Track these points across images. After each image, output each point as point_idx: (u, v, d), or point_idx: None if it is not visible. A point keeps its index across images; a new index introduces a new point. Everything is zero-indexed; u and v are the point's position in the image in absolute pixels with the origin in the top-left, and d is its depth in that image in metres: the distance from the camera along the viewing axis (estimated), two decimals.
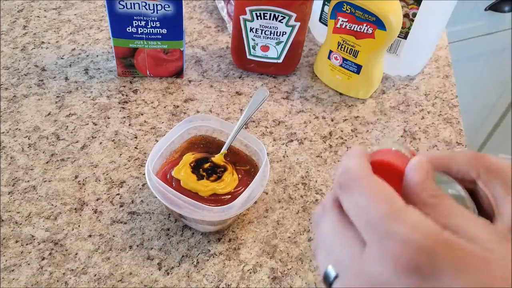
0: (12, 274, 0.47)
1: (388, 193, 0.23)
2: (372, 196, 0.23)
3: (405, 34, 0.69)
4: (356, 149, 0.27)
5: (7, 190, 0.54)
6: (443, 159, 0.35)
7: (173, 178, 0.50)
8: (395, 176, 0.26)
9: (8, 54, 0.71)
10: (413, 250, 0.20)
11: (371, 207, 0.22)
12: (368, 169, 0.25)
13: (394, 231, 0.21)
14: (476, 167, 0.33)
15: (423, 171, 0.25)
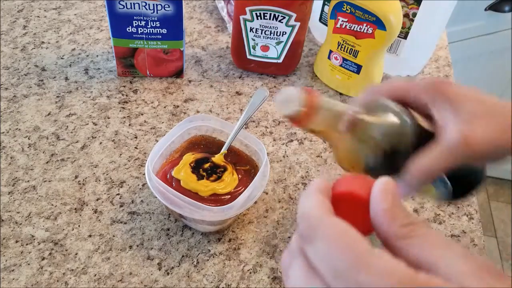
0: (12, 274, 0.47)
1: (351, 238, 0.22)
2: (334, 245, 0.21)
3: (405, 34, 0.69)
4: (313, 186, 0.25)
5: (7, 190, 0.54)
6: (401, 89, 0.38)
7: (173, 178, 0.50)
8: (360, 207, 0.24)
9: (8, 54, 0.71)
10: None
11: (335, 258, 0.21)
12: (326, 211, 0.23)
13: (363, 282, 0.20)
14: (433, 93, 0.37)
15: (389, 197, 0.24)
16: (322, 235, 0.22)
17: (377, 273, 0.20)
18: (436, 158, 0.35)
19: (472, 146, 0.34)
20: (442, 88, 0.36)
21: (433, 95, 0.36)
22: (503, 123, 0.35)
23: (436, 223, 0.56)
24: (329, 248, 0.21)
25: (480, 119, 0.35)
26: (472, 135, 0.34)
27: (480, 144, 0.34)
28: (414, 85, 0.38)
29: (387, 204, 0.23)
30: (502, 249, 1.64)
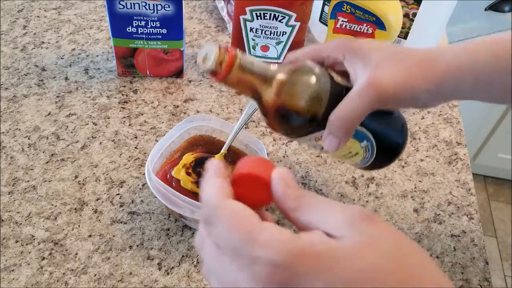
0: (12, 274, 0.47)
1: (242, 218, 0.25)
2: (228, 226, 0.25)
3: (405, 34, 0.69)
4: (211, 170, 0.28)
5: (7, 190, 0.54)
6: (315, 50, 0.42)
7: (173, 178, 0.50)
8: (260, 185, 0.28)
9: (8, 54, 0.71)
10: (272, 268, 0.23)
11: (231, 237, 0.24)
12: (223, 195, 0.26)
13: (255, 255, 0.23)
14: (342, 50, 0.41)
15: (283, 182, 0.27)
16: (220, 217, 0.25)
17: (263, 246, 0.23)
18: (350, 104, 0.38)
19: (381, 88, 0.37)
20: (349, 44, 0.40)
21: (342, 52, 0.40)
22: (407, 64, 0.38)
23: (436, 223, 0.56)
24: (225, 228, 0.25)
25: (385, 64, 0.38)
26: (379, 77, 0.38)
27: (387, 86, 0.38)
28: (326, 46, 0.42)
29: (282, 188, 0.27)
30: (502, 249, 1.64)
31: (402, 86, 0.38)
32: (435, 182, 0.60)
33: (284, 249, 0.23)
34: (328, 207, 0.26)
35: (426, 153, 0.64)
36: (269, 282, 0.23)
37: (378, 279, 0.23)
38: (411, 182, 0.60)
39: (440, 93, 0.39)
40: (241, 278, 0.24)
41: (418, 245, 0.26)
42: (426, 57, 0.39)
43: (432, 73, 0.38)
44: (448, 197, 0.59)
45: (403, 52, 0.40)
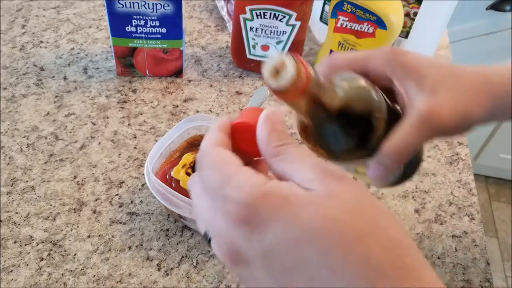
0: (11, 275, 0.46)
1: (224, 162, 0.27)
2: (211, 169, 0.27)
3: (406, 33, 0.69)
4: (214, 125, 0.31)
5: (6, 190, 0.53)
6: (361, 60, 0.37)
7: (172, 178, 0.50)
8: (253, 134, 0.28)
9: (7, 54, 0.71)
10: (239, 206, 0.24)
11: (211, 179, 0.26)
12: (215, 143, 0.28)
13: (228, 195, 0.25)
14: (392, 64, 0.36)
15: (269, 124, 0.28)
16: (206, 162, 0.27)
17: (235, 188, 0.25)
18: (407, 135, 0.34)
19: (441, 120, 0.34)
20: (399, 59, 0.36)
21: (392, 67, 0.36)
22: (464, 89, 0.35)
23: (438, 223, 0.55)
24: (209, 171, 0.27)
25: (442, 88, 0.35)
26: (438, 107, 0.34)
27: (448, 117, 0.34)
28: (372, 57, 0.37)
29: (266, 130, 0.28)
30: (503, 249, 1.64)
31: (462, 116, 0.35)
32: (436, 182, 0.60)
33: (252, 190, 0.25)
34: (302, 161, 0.26)
35: (427, 153, 0.63)
36: (235, 220, 0.24)
37: (336, 229, 0.23)
38: (412, 182, 0.60)
39: (492, 119, 0.37)
40: (216, 217, 0.26)
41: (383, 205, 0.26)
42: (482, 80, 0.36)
43: (489, 99, 0.36)
44: (449, 198, 0.59)
45: (458, 74, 0.36)
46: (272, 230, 0.24)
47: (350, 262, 0.23)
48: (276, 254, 0.24)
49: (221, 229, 0.26)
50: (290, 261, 0.23)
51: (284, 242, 0.24)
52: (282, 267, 0.24)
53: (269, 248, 0.24)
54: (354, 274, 0.22)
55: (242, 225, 0.24)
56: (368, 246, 0.23)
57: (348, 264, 0.23)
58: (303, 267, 0.23)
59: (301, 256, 0.23)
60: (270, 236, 0.24)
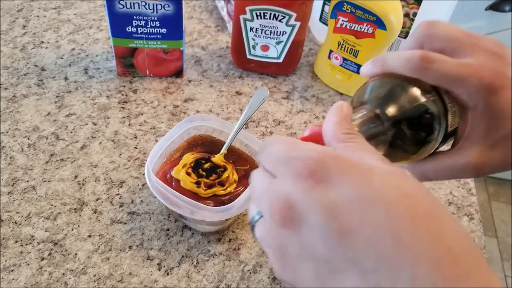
0: (12, 274, 0.47)
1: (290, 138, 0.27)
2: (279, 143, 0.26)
3: (406, 34, 0.69)
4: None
5: (7, 190, 0.54)
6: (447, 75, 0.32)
7: (173, 178, 0.50)
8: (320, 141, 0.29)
9: (8, 54, 0.71)
10: (307, 161, 0.24)
11: (279, 149, 0.26)
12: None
13: (294, 155, 0.25)
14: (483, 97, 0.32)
15: (340, 114, 0.28)
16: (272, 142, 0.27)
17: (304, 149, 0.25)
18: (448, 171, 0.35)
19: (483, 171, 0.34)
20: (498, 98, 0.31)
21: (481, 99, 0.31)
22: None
23: None
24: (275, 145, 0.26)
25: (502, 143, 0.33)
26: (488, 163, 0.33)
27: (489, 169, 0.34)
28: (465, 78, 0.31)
29: (338, 117, 0.28)
30: (502, 249, 1.64)
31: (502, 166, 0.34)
32: (435, 182, 0.60)
33: (323, 151, 0.24)
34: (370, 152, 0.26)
35: None
36: (299, 174, 0.24)
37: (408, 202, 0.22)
38: None
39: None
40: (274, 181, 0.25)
41: None
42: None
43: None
44: (448, 197, 0.59)
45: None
46: (339, 187, 0.23)
47: (419, 236, 0.21)
48: (339, 212, 0.22)
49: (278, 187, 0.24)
50: (353, 222, 0.22)
51: (350, 201, 0.22)
52: (341, 228, 0.22)
53: (332, 205, 0.22)
54: (421, 249, 0.21)
55: (305, 179, 0.23)
56: (439, 226, 0.22)
57: (416, 237, 0.21)
58: (366, 231, 0.22)
59: (366, 218, 0.22)
60: (335, 193, 0.23)
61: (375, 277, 0.21)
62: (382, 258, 0.21)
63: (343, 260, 0.22)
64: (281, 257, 0.24)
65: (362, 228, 0.22)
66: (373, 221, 0.22)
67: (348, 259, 0.22)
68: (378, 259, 0.21)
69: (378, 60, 0.35)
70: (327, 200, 0.23)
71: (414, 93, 0.33)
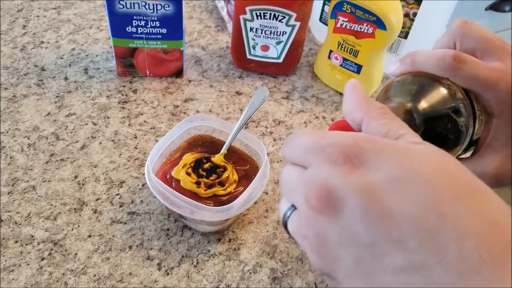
0: (12, 274, 0.47)
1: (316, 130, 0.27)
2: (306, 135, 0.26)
3: (406, 34, 0.69)
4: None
5: (7, 190, 0.54)
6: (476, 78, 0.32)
7: (172, 178, 0.50)
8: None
9: (8, 54, 0.71)
10: (342, 147, 0.23)
11: (306, 141, 0.26)
12: None
13: (326, 143, 0.24)
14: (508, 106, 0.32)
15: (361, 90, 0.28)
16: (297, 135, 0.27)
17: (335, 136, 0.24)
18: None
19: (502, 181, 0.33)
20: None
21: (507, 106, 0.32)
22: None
23: None
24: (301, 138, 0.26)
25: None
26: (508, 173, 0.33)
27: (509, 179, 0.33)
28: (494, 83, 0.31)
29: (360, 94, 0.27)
30: None
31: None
32: None
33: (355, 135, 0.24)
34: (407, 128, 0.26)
35: None
36: (335, 159, 0.23)
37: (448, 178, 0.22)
38: None
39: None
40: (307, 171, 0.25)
41: None
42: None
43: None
44: None
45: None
46: (377, 169, 0.22)
47: (462, 211, 0.21)
48: (379, 193, 0.22)
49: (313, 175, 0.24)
50: (394, 201, 0.21)
51: (389, 181, 0.22)
52: (383, 209, 0.22)
53: (372, 186, 0.22)
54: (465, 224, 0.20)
55: (341, 163, 0.23)
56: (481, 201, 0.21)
57: (460, 213, 0.21)
58: (408, 209, 0.21)
59: (408, 197, 0.21)
60: (374, 175, 0.22)
61: (421, 256, 0.21)
62: (427, 235, 0.21)
63: (387, 241, 0.21)
64: (320, 246, 0.24)
65: (404, 207, 0.21)
66: (415, 199, 0.21)
67: (391, 239, 0.21)
68: (422, 236, 0.21)
69: (405, 58, 0.34)
70: (366, 182, 0.22)
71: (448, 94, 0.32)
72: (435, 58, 0.32)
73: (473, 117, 0.32)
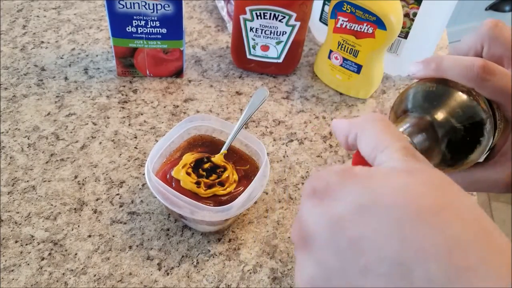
0: (12, 274, 0.47)
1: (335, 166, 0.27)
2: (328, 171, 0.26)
3: (406, 33, 0.69)
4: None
5: (7, 190, 0.54)
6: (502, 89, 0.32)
7: (172, 178, 0.50)
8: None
9: (8, 54, 0.71)
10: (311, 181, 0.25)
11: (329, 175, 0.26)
12: None
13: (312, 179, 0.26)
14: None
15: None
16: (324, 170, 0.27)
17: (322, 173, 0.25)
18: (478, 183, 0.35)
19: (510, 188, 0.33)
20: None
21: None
22: None
23: None
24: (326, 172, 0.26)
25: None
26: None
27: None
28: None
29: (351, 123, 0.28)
30: None
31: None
32: None
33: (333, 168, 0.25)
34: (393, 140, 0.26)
35: None
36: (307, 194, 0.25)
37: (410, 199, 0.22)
38: None
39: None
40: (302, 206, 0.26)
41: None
42: None
43: None
44: None
45: None
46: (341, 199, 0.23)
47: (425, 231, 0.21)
48: (344, 223, 0.22)
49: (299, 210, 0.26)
50: (358, 230, 0.22)
51: (352, 210, 0.22)
52: (348, 238, 0.22)
53: (337, 217, 0.23)
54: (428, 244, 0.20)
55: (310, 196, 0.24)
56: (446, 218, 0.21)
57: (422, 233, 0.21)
58: (372, 236, 0.22)
59: (370, 224, 0.22)
60: (339, 205, 0.23)
61: (390, 281, 0.21)
62: (393, 261, 0.21)
63: (358, 270, 0.22)
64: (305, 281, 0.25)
65: (368, 235, 0.22)
66: (377, 225, 0.22)
67: (361, 267, 0.22)
68: (390, 263, 0.21)
69: (430, 62, 0.33)
70: (331, 214, 0.23)
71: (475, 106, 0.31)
72: (463, 67, 0.31)
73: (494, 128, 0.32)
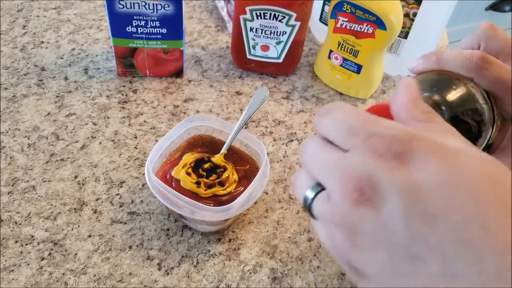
0: (12, 274, 0.47)
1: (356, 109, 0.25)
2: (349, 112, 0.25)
3: (406, 33, 0.69)
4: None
5: (7, 190, 0.54)
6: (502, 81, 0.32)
7: (172, 178, 0.50)
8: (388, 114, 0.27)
9: (8, 54, 0.71)
10: (390, 141, 0.23)
11: (350, 118, 0.24)
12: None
13: (375, 131, 0.23)
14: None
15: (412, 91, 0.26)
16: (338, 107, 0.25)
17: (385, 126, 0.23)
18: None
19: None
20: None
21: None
22: None
23: None
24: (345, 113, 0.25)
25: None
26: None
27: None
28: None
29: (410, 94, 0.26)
30: None
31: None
32: None
33: (407, 130, 0.23)
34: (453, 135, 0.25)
35: None
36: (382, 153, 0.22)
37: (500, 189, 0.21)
38: None
39: None
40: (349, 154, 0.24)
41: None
42: None
43: None
44: None
45: None
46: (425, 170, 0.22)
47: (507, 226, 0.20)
48: (424, 195, 0.21)
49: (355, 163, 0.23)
50: (438, 206, 0.21)
51: (436, 185, 0.21)
52: (425, 212, 0.21)
53: (417, 187, 0.21)
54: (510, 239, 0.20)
55: (389, 158, 0.22)
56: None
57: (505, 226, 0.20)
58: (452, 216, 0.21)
59: (453, 203, 0.21)
60: (421, 175, 0.22)
61: (458, 266, 0.20)
62: (468, 245, 0.20)
63: (425, 246, 0.21)
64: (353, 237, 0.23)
65: (447, 213, 0.21)
66: (461, 206, 0.21)
67: (430, 245, 0.21)
68: (463, 246, 0.20)
69: (431, 55, 0.34)
70: (412, 182, 0.22)
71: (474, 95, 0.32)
72: (463, 57, 0.32)
73: (493, 121, 0.33)
